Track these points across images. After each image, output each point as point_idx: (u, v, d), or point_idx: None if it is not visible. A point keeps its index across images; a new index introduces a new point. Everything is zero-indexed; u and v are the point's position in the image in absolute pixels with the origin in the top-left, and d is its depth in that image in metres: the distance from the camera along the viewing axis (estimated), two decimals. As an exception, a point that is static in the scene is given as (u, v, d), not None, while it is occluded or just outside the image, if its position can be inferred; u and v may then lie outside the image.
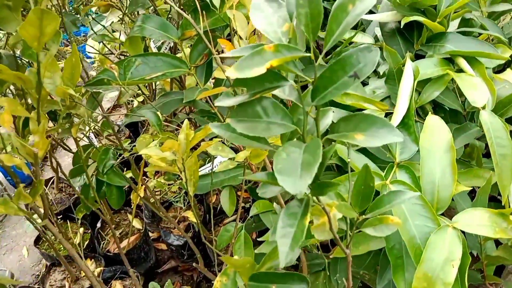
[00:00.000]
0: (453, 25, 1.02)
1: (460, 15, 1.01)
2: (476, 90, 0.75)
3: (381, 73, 0.94)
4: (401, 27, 0.92)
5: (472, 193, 0.85)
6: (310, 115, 0.41)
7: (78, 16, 0.77)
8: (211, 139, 0.73)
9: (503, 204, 0.70)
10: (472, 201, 0.72)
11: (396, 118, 0.77)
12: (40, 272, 1.43)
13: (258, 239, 0.83)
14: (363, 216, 0.46)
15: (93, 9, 0.94)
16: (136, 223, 1.22)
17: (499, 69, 1.05)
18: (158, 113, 0.66)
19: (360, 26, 1.17)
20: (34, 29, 0.43)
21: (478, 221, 0.63)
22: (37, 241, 1.27)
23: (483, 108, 0.74)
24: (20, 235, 1.64)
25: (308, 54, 0.37)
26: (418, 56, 0.97)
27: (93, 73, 1.30)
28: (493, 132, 0.71)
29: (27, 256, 1.54)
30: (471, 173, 0.76)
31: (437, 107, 0.91)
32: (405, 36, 0.99)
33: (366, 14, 1.20)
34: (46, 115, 0.68)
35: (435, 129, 0.71)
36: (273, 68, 0.36)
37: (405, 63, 0.84)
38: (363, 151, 0.83)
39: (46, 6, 0.49)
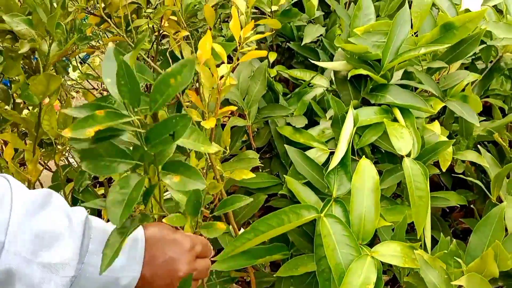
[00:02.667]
0: (398, 75, 1.17)
1: (403, 67, 1.16)
2: (402, 139, 0.89)
3: (327, 117, 1.07)
4: (348, 78, 1.06)
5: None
6: (149, 153, 0.51)
7: (68, 61, 0.88)
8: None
9: (418, 238, 0.84)
10: (392, 235, 0.86)
11: (336, 158, 0.91)
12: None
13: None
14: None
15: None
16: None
17: (436, 117, 1.21)
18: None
19: (319, 69, 1.32)
20: (42, 87, 0.54)
21: (392, 252, 0.76)
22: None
23: (407, 155, 0.89)
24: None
25: (131, 118, 0.46)
26: (366, 101, 1.11)
27: (74, 93, 1.40)
28: (412, 177, 0.85)
29: None
30: (396, 210, 0.90)
31: (375, 149, 1.05)
32: (354, 84, 1.13)
33: (322, 61, 1.35)
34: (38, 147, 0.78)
35: (366, 171, 0.85)
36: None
37: (348, 111, 0.98)
38: (309, 184, 0.96)
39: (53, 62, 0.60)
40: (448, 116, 1.18)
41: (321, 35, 1.48)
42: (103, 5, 0.77)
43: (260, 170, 1.20)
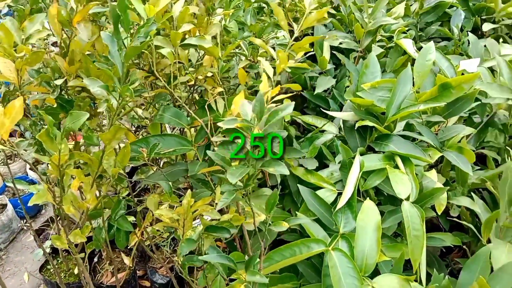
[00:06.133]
0: (400, 126, 1.31)
1: (405, 119, 1.30)
2: (402, 184, 1.01)
3: (336, 162, 1.20)
4: (355, 128, 1.20)
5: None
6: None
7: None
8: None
9: (414, 272, 0.94)
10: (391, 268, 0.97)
11: (343, 199, 1.03)
12: (38, 297, 1.60)
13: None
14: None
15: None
16: (128, 261, 1.42)
17: (434, 165, 1.34)
18: (170, 183, 0.90)
19: (329, 117, 1.46)
20: (110, 136, 0.68)
21: (390, 284, 0.87)
22: (41, 269, 1.46)
23: (406, 199, 1.01)
24: (22, 262, 1.82)
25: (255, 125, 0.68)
26: (371, 148, 1.24)
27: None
28: (410, 219, 0.96)
29: (27, 281, 1.71)
30: (395, 247, 1.01)
31: (378, 192, 1.17)
32: (360, 132, 1.27)
33: (332, 110, 1.49)
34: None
35: (369, 211, 0.97)
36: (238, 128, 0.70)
37: (355, 157, 1.11)
38: (318, 221, 1.07)
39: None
40: (445, 165, 1.30)
41: (331, 85, 1.63)
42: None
43: (274, 206, 1.32)
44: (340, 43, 1.68)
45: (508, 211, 0.98)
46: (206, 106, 0.91)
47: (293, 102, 0.79)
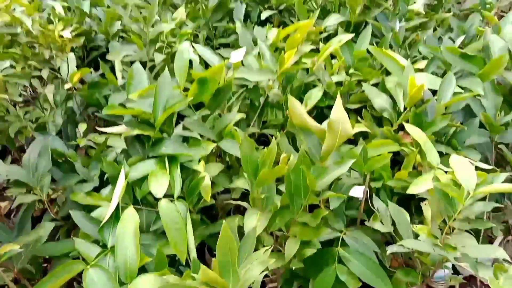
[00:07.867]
0: (180, 127, 1.36)
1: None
2: (158, 184, 1.06)
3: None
4: (124, 140, 1.22)
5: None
6: None
7: None
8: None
9: (184, 263, 0.99)
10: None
11: (108, 213, 1.04)
12: None
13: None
14: None
15: None
16: None
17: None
18: None
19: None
20: None
21: (145, 282, 0.90)
22: None
23: (169, 196, 1.06)
24: None
25: None
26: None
27: None
28: (167, 213, 1.01)
29: None
30: (166, 245, 1.05)
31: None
32: (140, 142, 1.30)
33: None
34: None
35: (128, 218, 0.99)
36: None
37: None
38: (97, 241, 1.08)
39: None
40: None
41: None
42: None
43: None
44: (125, 56, 1.71)
45: (254, 183, 1.08)
46: None
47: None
